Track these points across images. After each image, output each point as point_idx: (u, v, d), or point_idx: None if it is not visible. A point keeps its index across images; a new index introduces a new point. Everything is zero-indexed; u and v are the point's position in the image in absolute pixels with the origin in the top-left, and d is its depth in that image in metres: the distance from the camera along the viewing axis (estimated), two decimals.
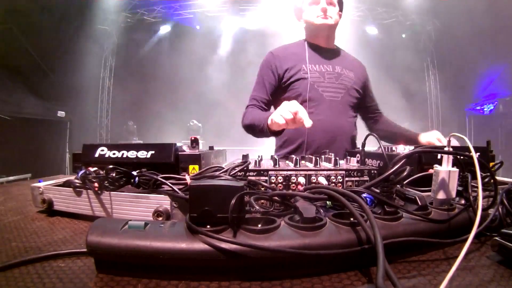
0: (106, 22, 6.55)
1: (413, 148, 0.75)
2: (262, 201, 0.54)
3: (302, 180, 0.67)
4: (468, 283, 0.38)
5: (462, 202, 0.55)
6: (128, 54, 7.12)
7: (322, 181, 0.67)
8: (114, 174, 0.65)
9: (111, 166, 0.66)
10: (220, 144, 1.06)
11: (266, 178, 0.67)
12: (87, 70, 6.22)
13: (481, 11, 4.82)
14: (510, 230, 0.43)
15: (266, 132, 1.12)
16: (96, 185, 0.64)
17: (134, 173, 0.68)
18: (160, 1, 6.58)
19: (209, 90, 6.75)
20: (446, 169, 0.52)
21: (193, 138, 0.85)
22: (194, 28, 6.81)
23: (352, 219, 0.43)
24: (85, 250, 0.40)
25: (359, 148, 0.85)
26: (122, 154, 0.79)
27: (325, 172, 0.68)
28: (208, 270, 0.39)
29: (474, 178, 0.48)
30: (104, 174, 0.66)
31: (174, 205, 0.60)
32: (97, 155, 0.80)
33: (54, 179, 0.80)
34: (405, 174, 0.49)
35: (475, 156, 0.47)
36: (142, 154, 0.79)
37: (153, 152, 0.79)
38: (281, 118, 0.93)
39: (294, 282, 0.38)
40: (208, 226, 0.40)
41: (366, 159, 0.84)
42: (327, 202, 0.53)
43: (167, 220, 0.58)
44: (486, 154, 0.83)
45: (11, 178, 3.91)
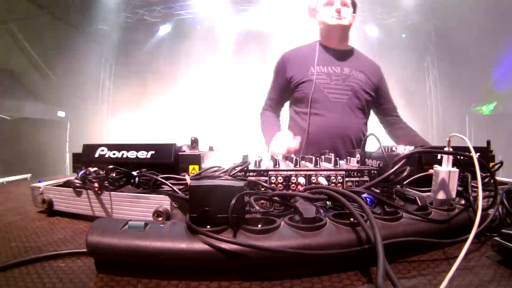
0: (106, 22, 6.54)
1: (413, 148, 0.75)
2: (262, 201, 0.54)
3: (302, 180, 0.67)
4: (468, 283, 0.38)
5: (462, 202, 0.55)
6: (128, 54, 7.12)
7: (322, 181, 0.67)
8: (114, 174, 0.65)
9: (111, 166, 0.66)
10: (220, 144, 1.06)
11: (266, 178, 0.67)
12: (87, 70, 6.21)
13: (481, 11, 4.82)
14: (510, 230, 0.43)
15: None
16: (96, 185, 0.64)
17: (134, 173, 0.68)
18: (160, 1, 6.58)
19: (209, 90, 6.75)
20: (446, 169, 0.52)
21: (193, 138, 0.85)
22: (195, 28, 6.80)
23: (352, 219, 0.43)
24: (85, 250, 0.40)
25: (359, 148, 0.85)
26: (122, 154, 0.79)
27: (325, 172, 0.68)
28: (208, 270, 0.39)
29: (474, 178, 0.48)
30: (104, 174, 0.66)
31: (174, 205, 0.60)
32: (97, 155, 0.80)
33: (54, 179, 0.80)
34: (405, 174, 0.49)
35: (475, 156, 0.47)
36: (142, 154, 0.79)
37: (153, 152, 0.79)
38: (274, 153, 1.02)
39: (294, 282, 0.38)
40: (208, 226, 0.40)
41: (366, 159, 0.84)
42: (327, 202, 0.53)
43: (167, 220, 0.58)
44: (486, 154, 0.83)
45: (11, 178, 3.91)
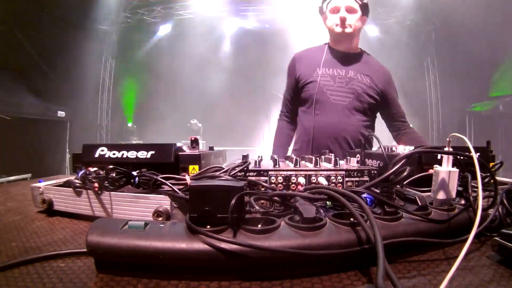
0: (106, 22, 6.54)
1: (413, 148, 0.75)
2: (262, 201, 0.54)
3: (302, 180, 0.67)
4: (468, 283, 0.38)
5: (462, 202, 0.55)
6: (128, 54, 7.12)
7: (322, 181, 0.67)
8: (114, 174, 0.65)
9: (111, 166, 0.66)
10: (220, 144, 1.06)
11: (266, 178, 0.67)
12: (87, 70, 6.21)
13: (481, 11, 4.82)
14: (510, 230, 0.43)
15: None
16: (96, 185, 0.64)
17: (134, 173, 0.68)
18: (160, 1, 6.58)
19: (209, 90, 6.75)
20: (446, 169, 0.52)
21: (193, 138, 0.85)
22: (195, 28, 6.80)
23: (352, 219, 0.43)
24: (85, 250, 0.40)
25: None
26: (122, 154, 0.79)
27: (325, 172, 0.68)
28: (208, 270, 0.39)
29: (474, 178, 0.48)
30: (104, 174, 0.66)
31: (174, 205, 0.60)
32: (97, 155, 0.80)
33: (54, 179, 0.80)
34: (405, 174, 0.49)
35: (475, 156, 0.47)
36: (142, 154, 0.79)
37: (153, 152, 0.79)
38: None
39: (294, 282, 0.38)
40: (208, 226, 0.40)
41: (366, 160, 0.84)
42: (327, 202, 0.53)
43: (167, 220, 0.58)
44: (486, 154, 0.83)
45: (11, 178, 3.91)
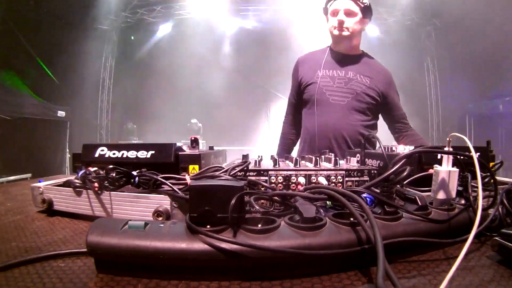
0: (106, 22, 6.55)
1: (413, 148, 0.75)
2: (262, 201, 0.54)
3: (302, 180, 0.67)
4: (468, 283, 0.38)
5: (462, 202, 0.55)
6: (128, 54, 7.12)
7: (322, 181, 0.67)
8: (114, 174, 0.65)
9: (111, 166, 0.66)
10: (220, 144, 1.06)
11: (266, 178, 0.67)
12: (87, 70, 6.21)
13: (481, 11, 4.81)
14: (510, 230, 0.43)
15: None
16: (96, 185, 0.64)
17: (134, 173, 0.68)
18: (160, 1, 6.58)
19: (209, 90, 6.75)
20: (446, 169, 0.52)
21: (193, 138, 0.85)
22: (195, 28, 6.80)
23: (352, 219, 0.43)
24: (85, 250, 0.40)
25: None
26: (122, 154, 0.79)
27: (325, 172, 0.68)
28: (208, 270, 0.39)
29: (474, 178, 0.48)
30: (104, 174, 0.66)
31: (174, 205, 0.60)
32: (97, 155, 0.80)
33: (54, 179, 0.80)
34: (405, 174, 0.49)
35: (475, 156, 0.47)
36: (142, 154, 0.79)
37: (153, 152, 0.79)
38: None
39: (294, 282, 0.38)
40: (208, 226, 0.40)
41: (366, 159, 0.84)
42: (327, 202, 0.53)
43: (167, 220, 0.58)
44: (486, 154, 0.83)
45: (11, 178, 3.91)
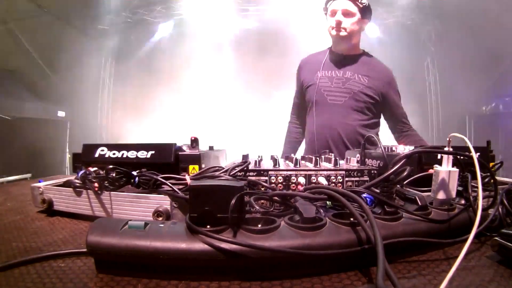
0: (106, 22, 6.54)
1: (413, 148, 0.75)
2: (262, 201, 0.54)
3: (302, 180, 0.67)
4: (468, 283, 0.38)
5: (462, 202, 0.55)
6: (128, 54, 7.11)
7: (322, 181, 0.67)
8: (114, 174, 0.65)
9: (111, 166, 0.66)
10: (220, 144, 1.06)
11: (266, 178, 0.67)
12: (87, 70, 6.20)
13: (481, 11, 4.82)
14: (510, 230, 0.43)
15: None
16: (96, 185, 0.64)
17: (134, 173, 0.68)
18: (160, 1, 6.57)
19: (209, 90, 6.75)
20: (446, 169, 0.52)
21: (193, 138, 0.85)
22: (195, 28, 6.80)
23: (352, 219, 0.43)
24: (85, 250, 0.40)
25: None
26: (122, 154, 0.79)
27: (325, 172, 0.68)
28: (208, 270, 0.39)
29: (474, 178, 0.48)
30: (104, 174, 0.66)
31: (174, 205, 0.60)
32: (97, 155, 0.80)
33: (54, 179, 0.80)
34: (405, 174, 0.49)
35: (475, 156, 0.47)
36: (142, 154, 0.79)
37: (153, 152, 0.79)
38: None
39: (294, 282, 0.38)
40: (208, 226, 0.40)
41: (366, 159, 0.84)
42: (327, 202, 0.53)
43: (167, 220, 0.58)
44: (486, 154, 0.83)
45: (11, 178, 3.91)
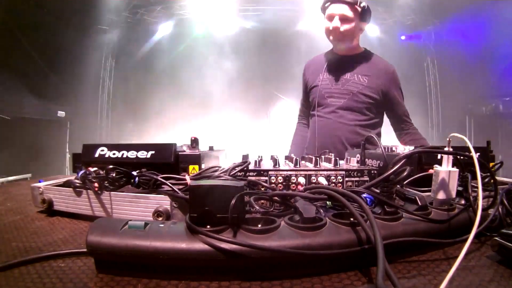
0: (106, 22, 6.54)
1: (413, 148, 0.75)
2: (262, 201, 0.54)
3: (302, 180, 0.67)
4: (468, 283, 0.38)
5: (462, 202, 0.55)
6: (128, 54, 7.11)
7: (322, 181, 0.67)
8: (114, 174, 0.65)
9: (111, 166, 0.66)
10: (220, 144, 1.06)
11: (266, 178, 0.67)
12: (87, 70, 6.20)
13: (481, 11, 4.82)
14: (510, 230, 0.43)
15: None
16: (96, 185, 0.64)
17: (134, 173, 0.68)
18: (160, 1, 6.58)
19: (209, 90, 6.75)
20: (446, 169, 0.52)
21: (193, 138, 0.85)
22: (195, 28, 6.80)
23: (352, 219, 0.43)
24: (85, 250, 0.40)
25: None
26: (122, 154, 0.79)
27: (325, 172, 0.68)
28: (208, 270, 0.39)
29: (474, 178, 0.48)
30: (104, 174, 0.66)
31: (174, 205, 0.60)
32: (97, 155, 0.80)
33: (54, 179, 0.80)
34: (405, 174, 0.49)
35: (475, 156, 0.47)
36: (142, 154, 0.79)
37: (153, 152, 0.79)
38: None
39: (294, 282, 0.38)
40: (208, 226, 0.40)
41: (366, 159, 0.84)
42: (327, 202, 0.53)
43: (167, 220, 0.58)
44: (486, 154, 0.83)
45: (11, 178, 3.91)
